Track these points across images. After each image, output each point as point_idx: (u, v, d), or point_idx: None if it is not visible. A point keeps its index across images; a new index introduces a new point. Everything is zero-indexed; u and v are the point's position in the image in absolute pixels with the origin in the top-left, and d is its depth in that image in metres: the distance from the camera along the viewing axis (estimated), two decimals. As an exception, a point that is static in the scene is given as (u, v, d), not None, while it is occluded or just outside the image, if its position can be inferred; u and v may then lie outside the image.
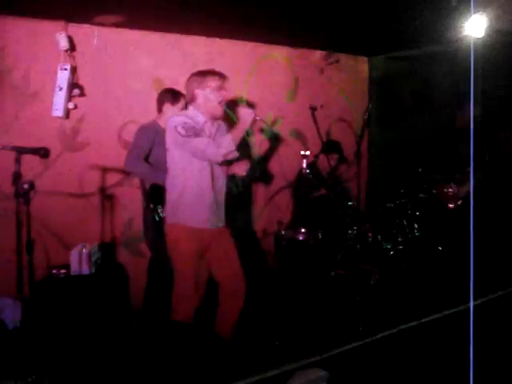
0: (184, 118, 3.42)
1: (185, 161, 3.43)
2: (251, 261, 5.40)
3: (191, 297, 3.50)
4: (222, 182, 3.60)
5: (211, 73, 3.55)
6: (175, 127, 3.36)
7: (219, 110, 3.58)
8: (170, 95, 4.27)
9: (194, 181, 3.44)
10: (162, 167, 3.80)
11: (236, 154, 3.46)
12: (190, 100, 3.56)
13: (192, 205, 3.46)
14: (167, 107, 4.24)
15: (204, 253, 3.59)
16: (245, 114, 3.50)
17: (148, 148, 4.15)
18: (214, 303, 3.71)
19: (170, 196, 3.53)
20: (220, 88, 3.53)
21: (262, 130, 5.28)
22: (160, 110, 4.29)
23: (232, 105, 3.80)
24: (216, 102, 3.52)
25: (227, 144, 3.38)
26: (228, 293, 3.67)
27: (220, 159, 3.41)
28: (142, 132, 4.22)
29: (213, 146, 3.36)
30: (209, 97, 3.49)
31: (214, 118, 3.58)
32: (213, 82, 3.51)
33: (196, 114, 3.50)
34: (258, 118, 3.57)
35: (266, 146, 5.67)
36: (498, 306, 4.26)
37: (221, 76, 3.56)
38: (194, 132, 3.36)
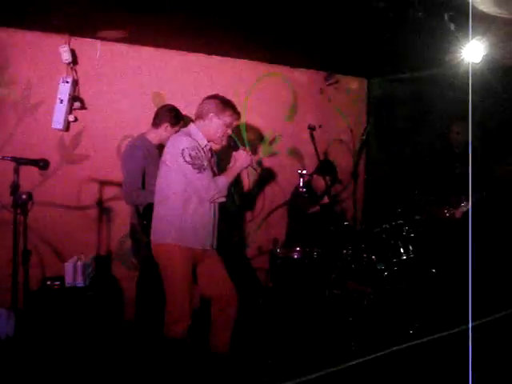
0: (195, 144, 3.38)
1: (183, 184, 3.38)
2: (246, 278, 5.42)
3: (187, 316, 3.49)
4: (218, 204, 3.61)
5: (232, 108, 3.53)
6: (183, 150, 3.31)
7: (220, 143, 3.63)
8: (173, 117, 4.17)
9: (196, 202, 3.43)
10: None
11: (225, 200, 3.50)
12: (199, 118, 3.52)
13: (194, 227, 3.44)
14: (165, 127, 4.14)
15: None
16: (242, 158, 3.54)
17: (142, 172, 4.01)
18: (208, 319, 3.71)
19: (169, 215, 3.43)
20: (230, 126, 3.55)
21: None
22: (156, 126, 4.18)
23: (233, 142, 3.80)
24: (222, 135, 3.54)
25: (222, 187, 3.41)
26: (219, 309, 3.67)
27: (210, 201, 3.44)
28: (132, 156, 4.05)
29: (209, 188, 3.36)
30: (219, 128, 3.50)
31: (211, 143, 3.61)
32: (229, 118, 3.51)
33: (198, 134, 3.50)
34: (253, 166, 3.65)
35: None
36: (494, 329, 4.26)
37: (238, 115, 3.58)
38: (199, 164, 3.33)
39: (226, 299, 3.64)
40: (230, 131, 3.59)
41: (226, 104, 3.52)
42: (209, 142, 3.55)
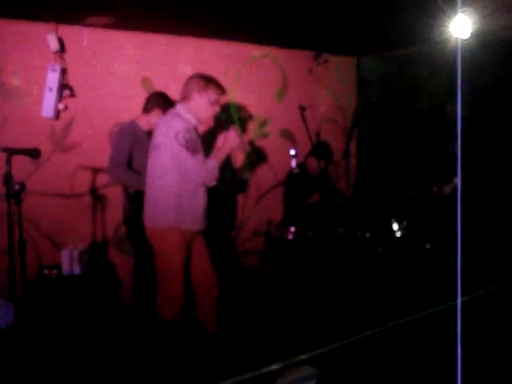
0: (189, 126, 3.38)
1: (177, 167, 3.38)
2: (240, 261, 5.46)
3: (180, 298, 3.53)
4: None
5: (215, 83, 3.51)
6: (177, 132, 3.30)
7: (209, 122, 3.62)
8: (163, 102, 4.17)
9: (191, 184, 3.44)
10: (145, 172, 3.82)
11: (215, 183, 3.50)
12: (184, 98, 3.51)
13: (191, 209, 3.46)
14: (156, 113, 4.13)
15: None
16: (232, 139, 3.52)
17: (129, 152, 4.07)
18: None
19: (164, 200, 3.42)
20: (216, 102, 3.52)
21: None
22: (147, 112, 4.20)
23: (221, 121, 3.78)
24: (209, 114, 3.53)
25: (212, 171, 3.40)
26: (201, 295, 3.71)
27: (202, 185, 3.44)
28: (121, 136, 4.15)
29: (200, 172, 3.36)
30: (203, 106, 3.48)
31: (201, 124, 3.60)
32: (213, 95, 3.49)
33: (186, 115, 3.49)
34: (244, 147, 3.64)
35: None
36: (486, 303, 4.31)
37: (222, 91, 3.53)
38: (192, 147, 3.32)
39: (207, 285, 3.68)
40: (217, 108, 3.57)
41: (207, 80, 3.50)
42: (198, 123, 3.55)
